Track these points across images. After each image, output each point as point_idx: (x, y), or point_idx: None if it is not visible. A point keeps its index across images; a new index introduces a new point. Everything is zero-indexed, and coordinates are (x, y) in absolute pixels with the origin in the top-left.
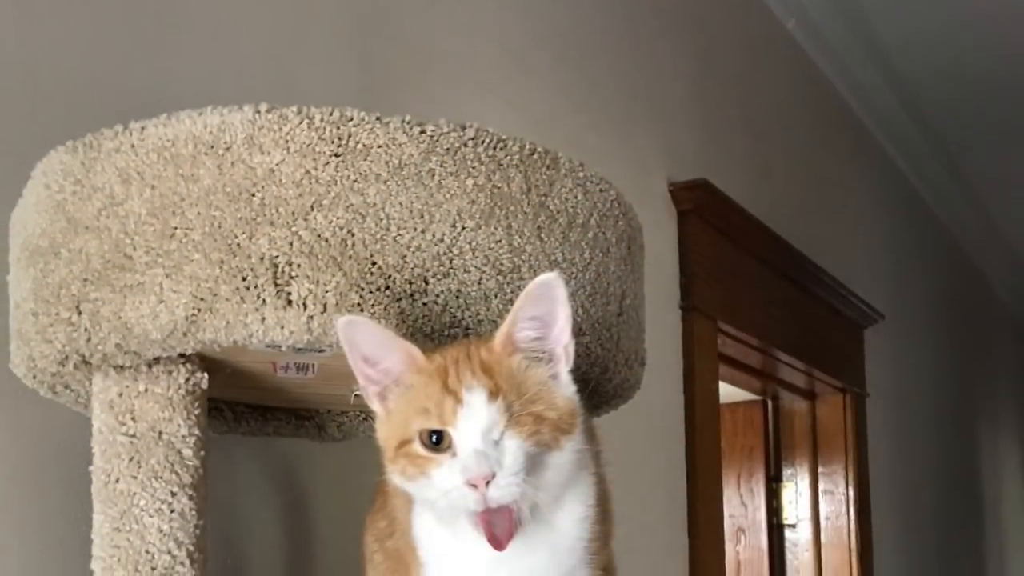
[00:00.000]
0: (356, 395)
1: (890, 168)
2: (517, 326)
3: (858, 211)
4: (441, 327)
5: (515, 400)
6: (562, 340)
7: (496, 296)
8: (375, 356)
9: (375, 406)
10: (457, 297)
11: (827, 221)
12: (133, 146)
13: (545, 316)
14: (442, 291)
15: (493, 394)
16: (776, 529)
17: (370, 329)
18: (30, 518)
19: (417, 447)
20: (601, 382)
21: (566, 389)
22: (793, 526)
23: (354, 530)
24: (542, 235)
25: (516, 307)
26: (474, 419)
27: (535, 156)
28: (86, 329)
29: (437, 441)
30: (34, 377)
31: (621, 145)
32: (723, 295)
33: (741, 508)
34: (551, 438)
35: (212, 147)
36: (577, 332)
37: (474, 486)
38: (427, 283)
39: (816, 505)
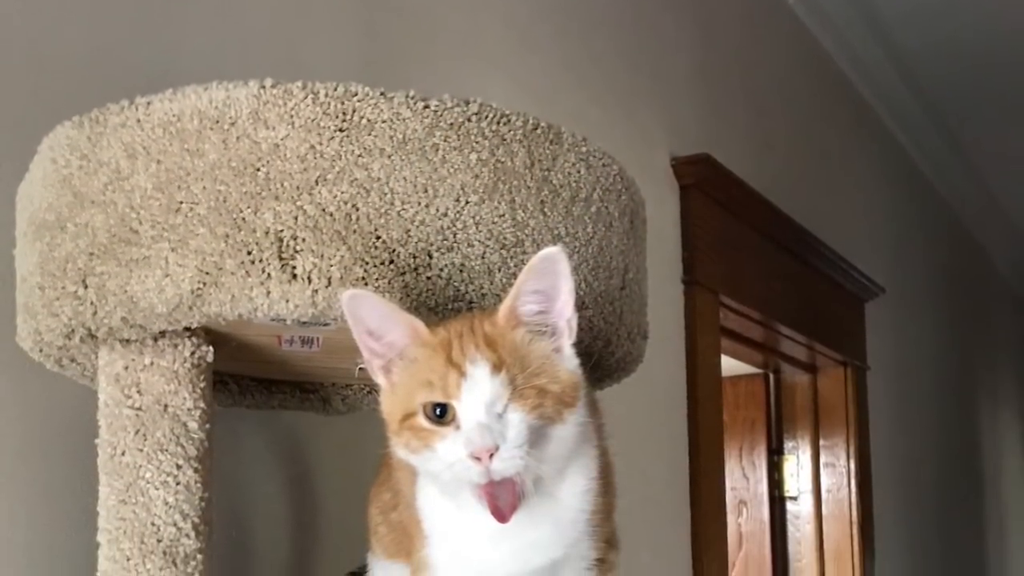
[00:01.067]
0: (360, 368)
1: (890, 142)
2: (520, 300)
3: (859, 185)
4: (445, 301)
5: (518, 373)
6: (565, 314)
7: (500, 270)
8: (379, 330)
9: (379, 379)
10: (461, 271)
11: (828, 195)
12: (139, 121)
13: (548, 290)
14: (446, 265)
15: (496, 367)
16: (777, 501)
17: (374, 303)
18: (37, 491)
19: (421, 420)
20: (604, 355)
21: (569, 362)
22: (794, 498)
23: (358, 502)
24: (545, 209)
25: (519, 281)
26: (478, 392)
27: (538, 131)
28: (92, 303)
29: (441, 414)
30: (40, 351)
31: (623, 120)
32: (725, 269)
33: (743, 480)
34: (554, 411)
35: (217, 122)
36: (580, 306)
37: (477, 459)
38: (431, 257)
39: (817, 478)
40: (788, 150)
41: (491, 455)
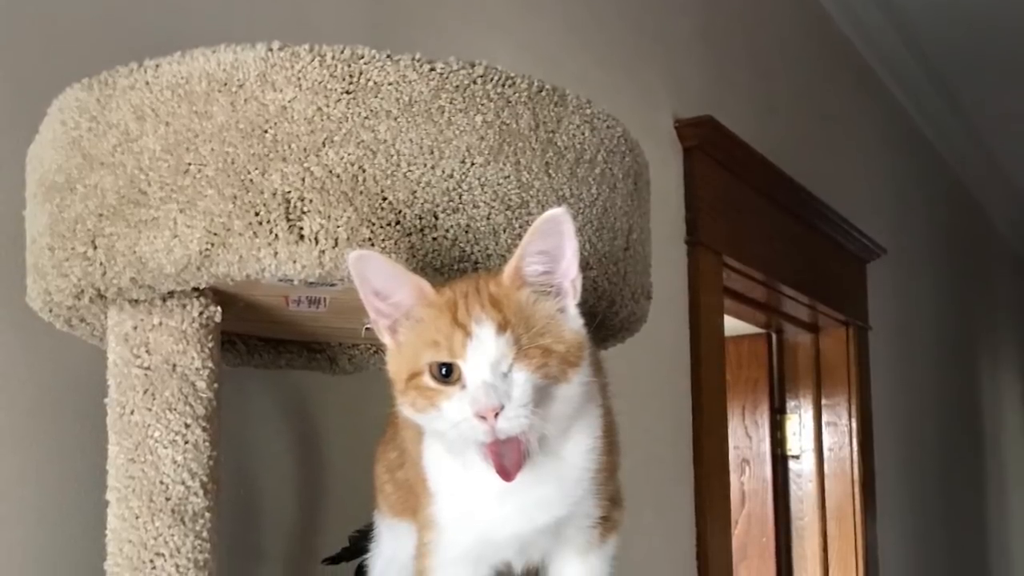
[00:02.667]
0: (367, 328)
1: (891, 104)
2: (525, 260)
3: (860, 147)
4: (451, 261)
5: (523, 333)
6: (570, 274)
7: (505, 231)
8: (386, 290)
9: (386, 339)
10: (466, 232)
11: (830, 157)
12: (148, 83)
13: (553, 250)
14: (452, 226)
15: (502, 327)
16: (780, 460)
17: (381, 263)
18: (47, 450)
19: (427, 379)
20: (608, 315)
21: (574, 322)
22: (797, 457)
23: (365, 461)
24: (550, 171)
25: (524, 242)
26: (483, 352)
27: (543, 93)
28: (101, 263)
29: (447, 374)
30: (50, 311)
31: (627, 82)
32: (728, 230)
33: (746, 440)
34: (559, 371)
35: (225, 84)
36: (584, 266)
37: (483, 418)
38: (437, 218)
39: (819, 437)
40: (790, 112)
41: (496, 414)
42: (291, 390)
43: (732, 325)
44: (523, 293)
